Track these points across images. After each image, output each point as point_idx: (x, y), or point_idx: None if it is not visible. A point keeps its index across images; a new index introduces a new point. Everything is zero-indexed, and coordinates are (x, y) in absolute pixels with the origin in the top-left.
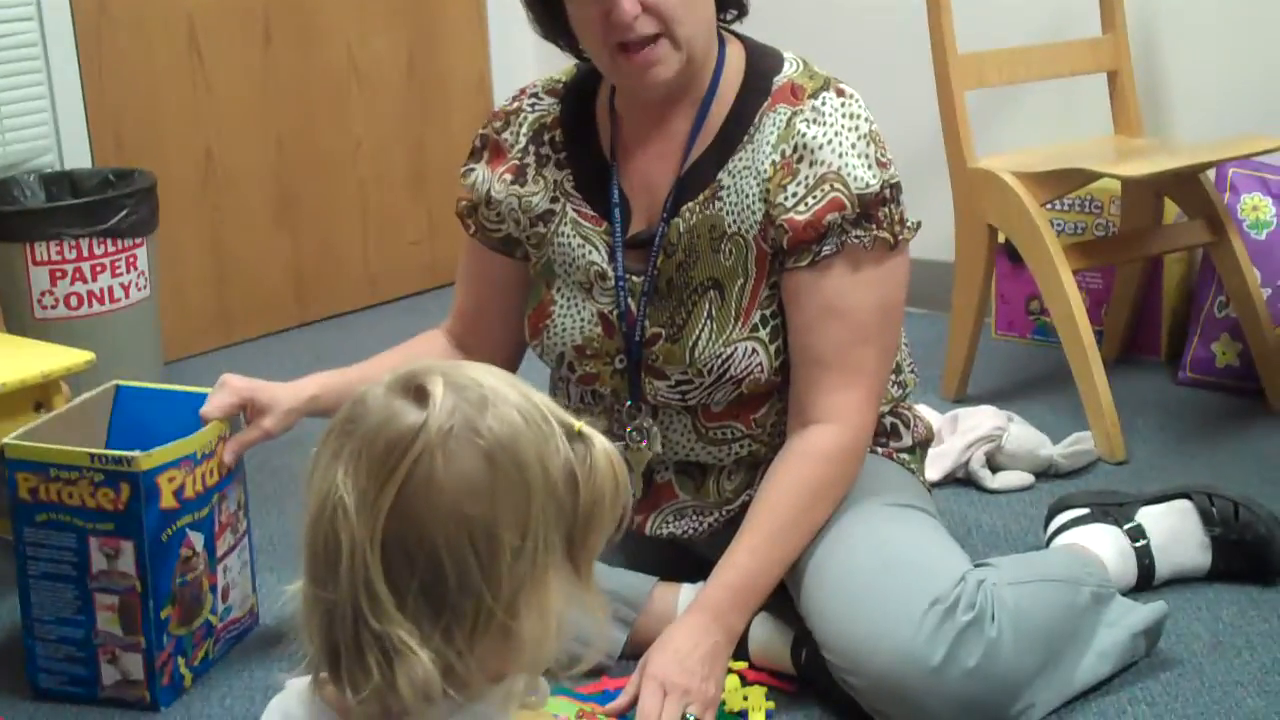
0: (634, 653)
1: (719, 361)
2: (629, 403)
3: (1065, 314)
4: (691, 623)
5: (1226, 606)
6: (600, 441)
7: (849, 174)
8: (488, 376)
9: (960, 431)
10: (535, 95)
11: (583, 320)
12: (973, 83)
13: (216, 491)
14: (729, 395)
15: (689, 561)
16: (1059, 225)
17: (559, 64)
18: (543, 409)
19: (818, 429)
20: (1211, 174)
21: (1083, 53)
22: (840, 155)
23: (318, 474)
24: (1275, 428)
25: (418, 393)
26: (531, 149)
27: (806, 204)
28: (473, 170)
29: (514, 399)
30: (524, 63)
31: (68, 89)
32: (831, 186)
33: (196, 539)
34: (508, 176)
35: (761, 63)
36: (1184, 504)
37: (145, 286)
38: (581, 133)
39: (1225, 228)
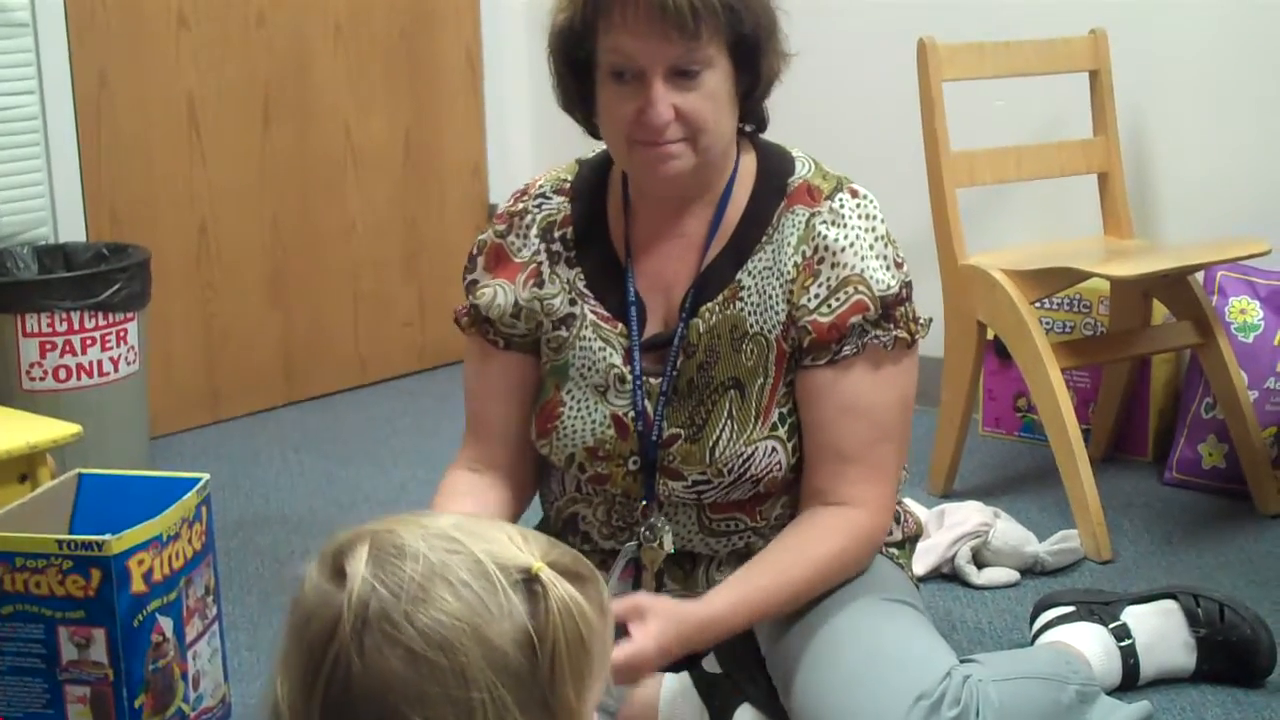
0: None
1: (740, 461)
2: (644, 502)
3: (1053, 412)
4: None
5: (1211, 708)
6: (557, 588)
7: (871, 277)
8: (421, 537)
9: (947, 526)
10: (541, 195)
11: (594, 422)
12: (964, 180)
13: (184, 575)
14: (745, 494)
15: None
16: (1048, 324)
17: (554, 149)
18: (487, 565)
19: (846, 509)
20: (1200, 276)
21: (1074, 154)
22: (861, 258)
23: (273, 676)
24: (1261, 529)
25: (338, 571)
26: (543, 248)
27: (830, 306)
28: (482, 284)
29: (443, 560)
30: (520, 149)
31: (65, 162)
32: (855, 289)
33: (166, 624)
34: (529, 282)
35: (775, 163)
36: (1170, 604)
37: (135, 361)
38: (593, 231)
39: (1213, 330)
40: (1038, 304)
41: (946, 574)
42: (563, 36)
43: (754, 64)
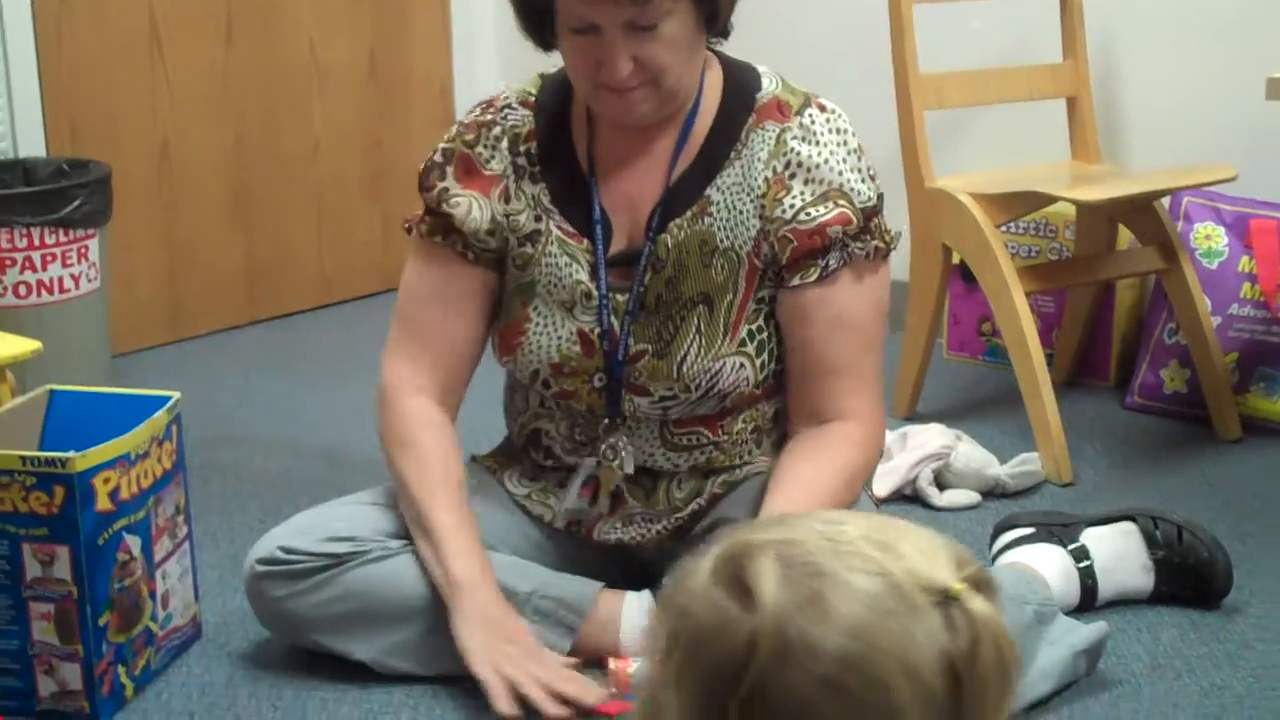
0: (577, 655)
1: (707, 377)
2: (606, 420)
3: (1016, 335)
4: None
5: (1167, 629)
6: (980, 610)
7: (851, 189)
8: (833, 553)
9: (909, 449)
10: (507, 107)
11: (560, 338)
12: (933, 103)
13: (153, 494)
14: (712, 409)
15: (633, 568)
16: (1013, 248)
17: (523, 69)
18: (902, 581)
19: (842, 424)
20: (1166, 202)
21: (1043, 77)
22: (839, 172)
23: (650, 687)
24: (1221, 454)
25: (740, 587)
26: (511, 161)
27: (809, 214)
28: (454, 194)
29: (860, 584)
30: (487, 67)
31: (24, 76)
32: (836, 202)
33: (134, 543)
34: (500, 197)
35: (740, 79)
36: (1129, 526)
37: (96, 278)
38: (557, 146)
39: (1178, 256)
40: (1004, 228)
41: (908, 495)
42: None
43: (714, 6)
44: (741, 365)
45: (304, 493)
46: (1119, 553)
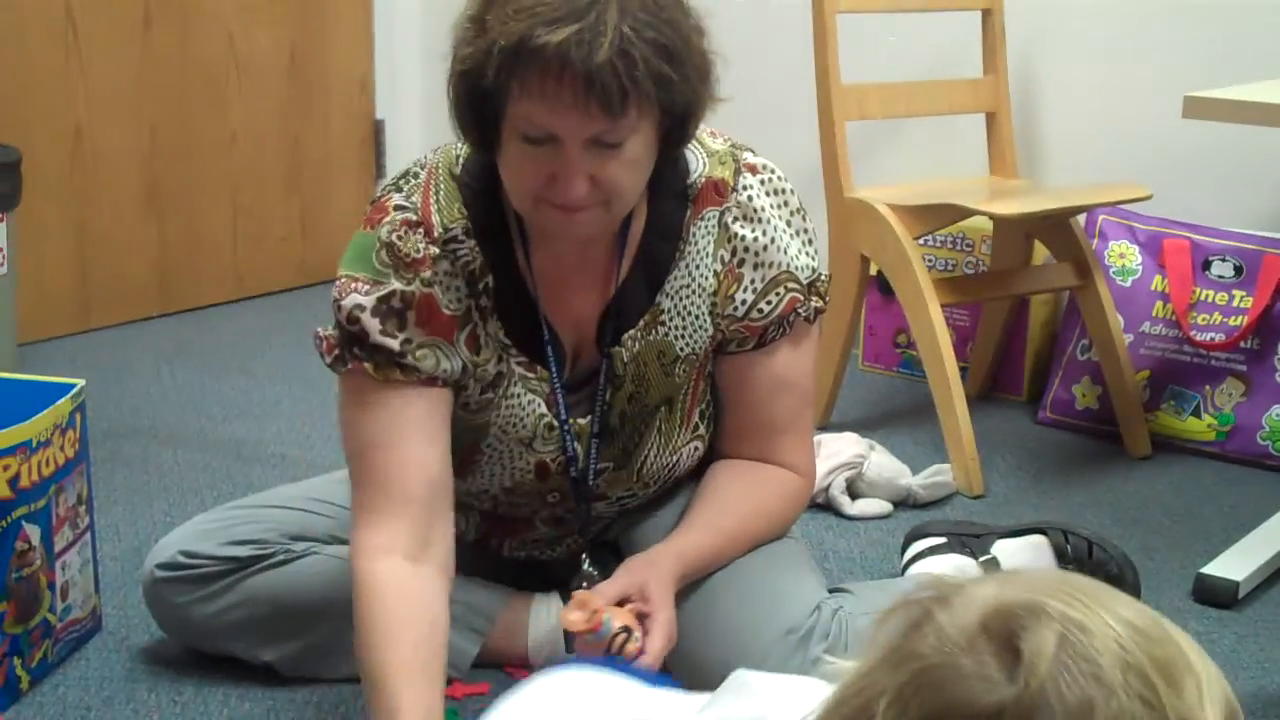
0: (485, 663)
1: (666, 471)
2: (583, 555)
3: (931, 347)
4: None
5: None
6: None
7: (795, 267)
8: (1115, 653)
9: (823, 457)
10: (453, 240)
11: (515, 469)
12: (854, 114)
13: (54, 483)
14: (665, 487)
15: (540, 574)
16: (930, 261)
17: (443, 67)
18: (1162, 705)
19: (779, 473)
20: (1081, 219)
21: (963, 92)
22: (784, 250)
23: (853, 678)
24: (1130, 470)
25: (1010, 648)
26: (473, 305)
27: (761, 310)
28: (418, 344)
29: (1130, 710)
30: (409, 64)
31: None
32: (785, 288)
33: (33, 532)
34: (469, 345)
35: (670, 167)
36: (1039, 539)
37: (2, 264)
38: (506, 275)
39: (1092, 273)
40: (921, 241)
41: (820, 504)
42: (467, 82)
43: (683, 127)
44: (696, 449)
45: (212, 487)
46: (1029, 565)
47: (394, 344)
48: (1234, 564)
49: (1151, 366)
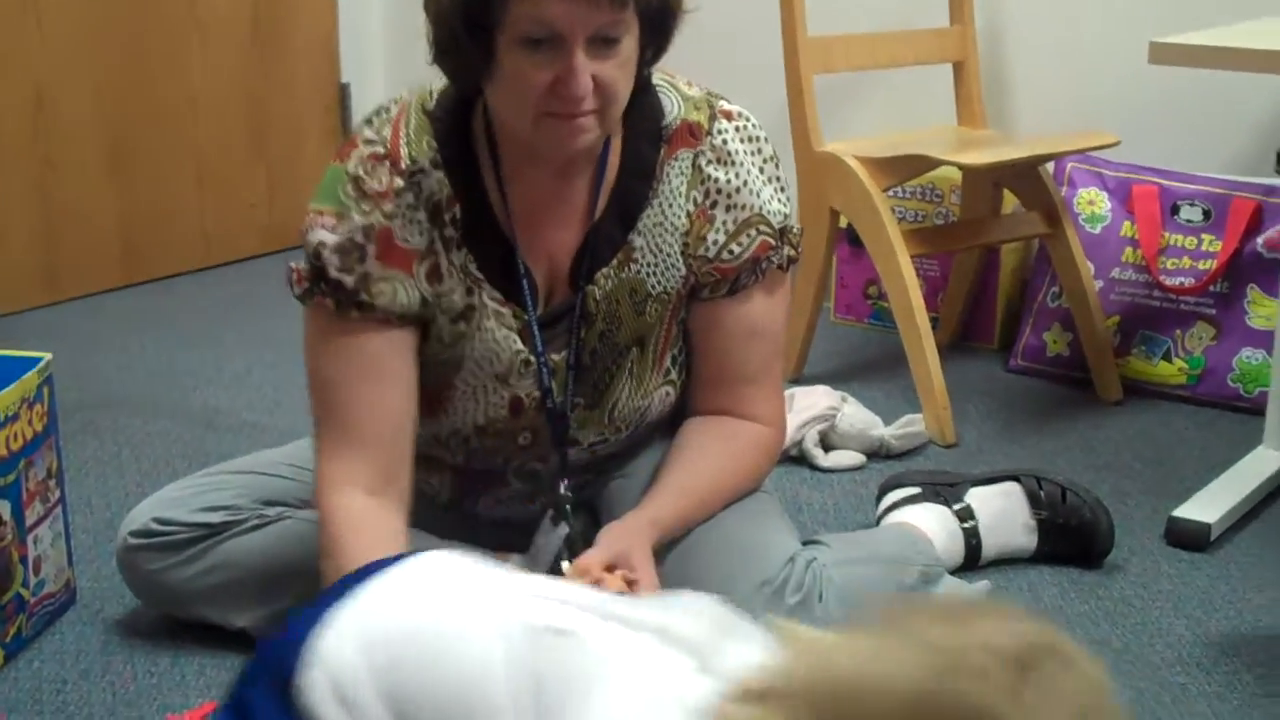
0: None
1: (638, 415)
2: (561, 489)
3: (902, 298)
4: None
5: (1048, 587)
6: None
7: (768, 211)
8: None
9: (795, 410)
10: (418, 170)
11: (489, 404)
12: (820, 67)
13: (23, 457)
14: (637, 434)
15: (517, 539)
16: (900, 213)
17: (408, 27)
18: None
19: (752, 426)
20: (1050, 168)
21: (929, 43)
22: (756, 194)
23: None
24: (1102, 416)
25: (1019, 673)
26: (437, 235)
27: (732, 251)
28: (377, 278)
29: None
30: (373, 28)
31: None
32: (757, 230)
33: (3, 507)
34: (429, 277)
35: (643, 107)
36: (1012, 486)
37: None
38: (476, 207)
39: (1061, 220)
40: (890, 192)
41: (794, 457)
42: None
43: (664, 29)
44: (667, 394)
45: (184, 456)
46: (1003, 512)
47: (350, 280)
48: (1206, 506)
49: (1122, 312)
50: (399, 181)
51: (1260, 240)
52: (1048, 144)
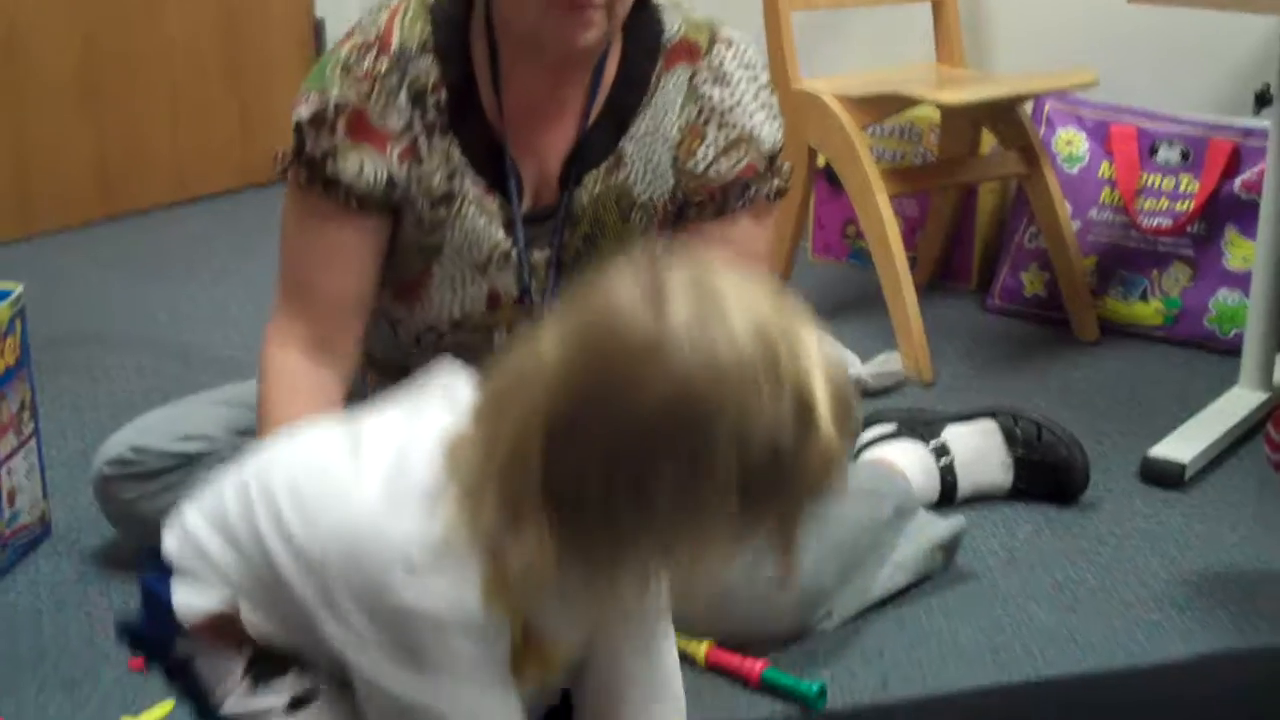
0: None
1: None
2: None
3: (879, 236)
4: None
5: (1023, 525)
6: (826, 430)
7: (759, 134)
8: (733, 297)
9: None
10: (405, 55)
11: (466, 296)
12: (799, 3)
13: None
14: None
15: None
16: (878, 152)
17: None
18: (776, 359)
19: None
20: (1029, 107)
21: None
22: (750, 115)
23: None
24: (1079, 355)
25: (656, 297)
26: (417, 117)
27: (718, 170)
28: (344, 152)
29: (741, 338)
30: None
31: None
32: (745, 150)
33: None
34: (405, 159)
35: (643, 21)
36: (989, 424)
37: None
38: (465, 96)
39: (1039, 160)
40: (869, 131)
41: None
42: None
43: None
44: None
45: (157, 390)
46: (979, 450)
47: (319, 151)
48: (1181, 446)
49: (1099, 252)
50: (384, 65)
51: (1238, 181)
52: (1027, 83)
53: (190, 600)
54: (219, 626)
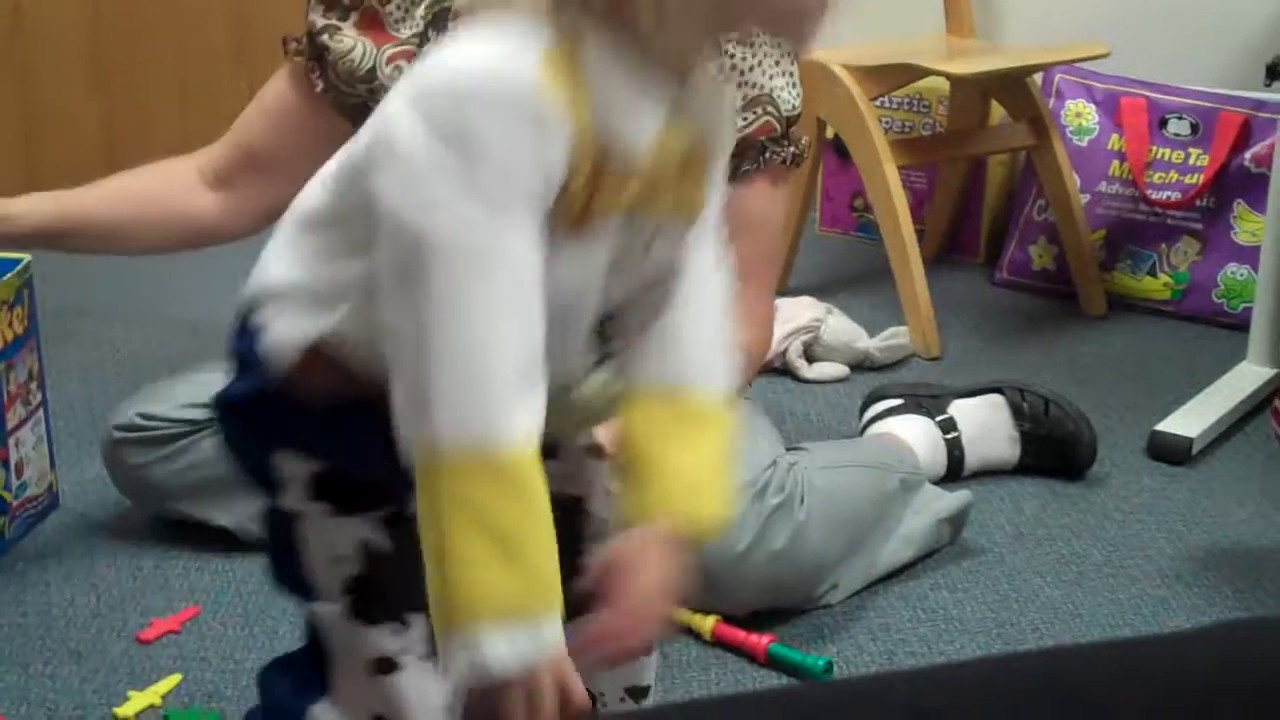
0: None
1: None
2: None
3: (887, 209)
4: None
5: (1029, 499)
6: None
7: (778, 96)
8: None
9: (780, 321)
10: None
11: None
12: None
13: (3, 360)
14: None
15: None
16: (887, 123)
17: None
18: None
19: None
20: (1038, 78)
21: None
22: (770, 77)
23: None
24: (1087, 330)
25: None
26: (433, 35)
27: (737, 125)
28: (340, 31)
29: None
30: None
31: None
32: (764, 110)
33: None
34: (401, 63)
35: None
36: (996, 398)
37: None
38: None
39: (1048, 132)
40: (877, 103)
41: (778, 368)
42: None
43: None
44: None
45: (165, 363)
46: (986, 424)
47: (318, 24)
48: (1188, 421)
49: (1108, 226)
50: None
51: (1248, 155)
52: (1037, 54)
53: (281, 332)
54: (312, 365)
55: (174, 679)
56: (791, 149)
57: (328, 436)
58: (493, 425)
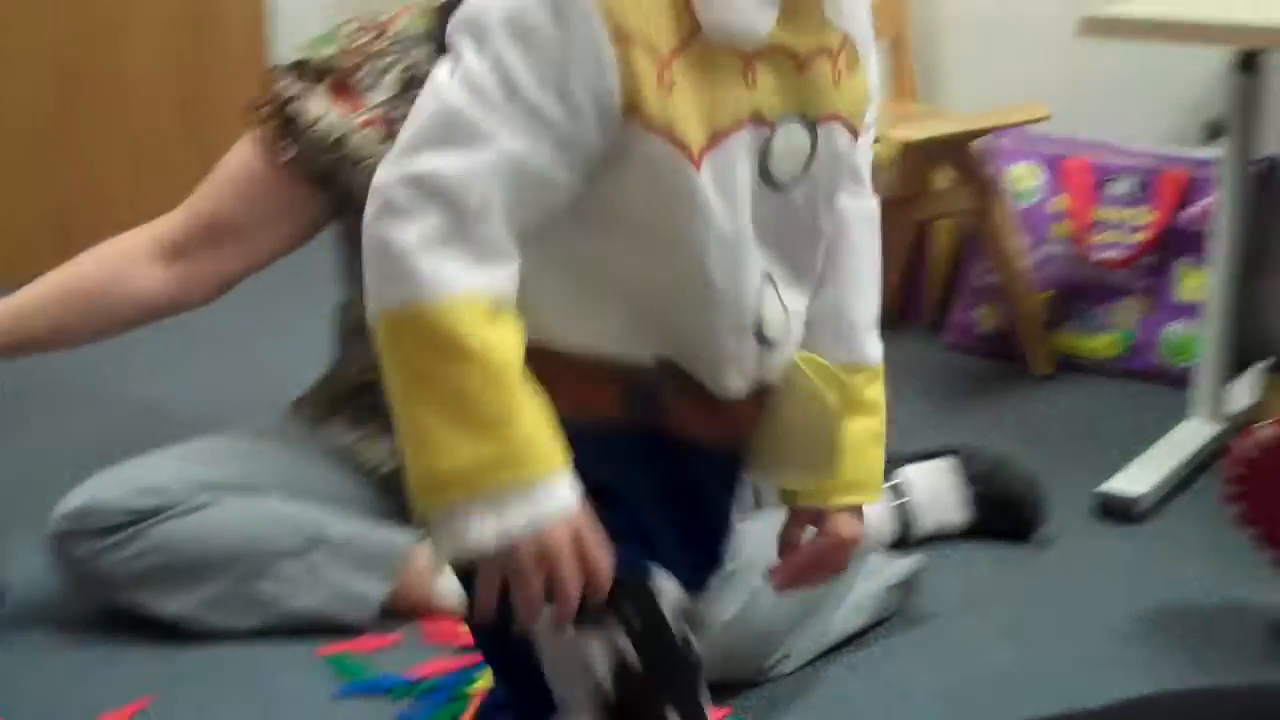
0: (399, 611)
1: None
2: None
3: None
4: None
5: (980, 563)
6: None
7: None
8: None
9: None
10: (404, 41)
11: None
12: None
13: None
14: None
15: None
16: None
17: (343, 4)
18: None
19: None
20: (982, 143)
21: None
22: None
23: None
24: (1034, 391)
25: None
26: (402, 106)
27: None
28: (309, 99)
29: None
30: (309, 13)
31: None
32: None
33: None
34: (371, 131)
35: None
36: (945, 462)
37: None
38: None
39: (992, 196)
40: None
41: None
42: None
43: None
44: None
45: (119, 446)
46: (936, 488)
47: (285, 93)
48: (1134, 479)
49: (1053, 286)
50: (379, 45)
51: (1190, 212)
52: (979, 119)
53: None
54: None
55: None
56: None
57: None
58: (414, 278)
